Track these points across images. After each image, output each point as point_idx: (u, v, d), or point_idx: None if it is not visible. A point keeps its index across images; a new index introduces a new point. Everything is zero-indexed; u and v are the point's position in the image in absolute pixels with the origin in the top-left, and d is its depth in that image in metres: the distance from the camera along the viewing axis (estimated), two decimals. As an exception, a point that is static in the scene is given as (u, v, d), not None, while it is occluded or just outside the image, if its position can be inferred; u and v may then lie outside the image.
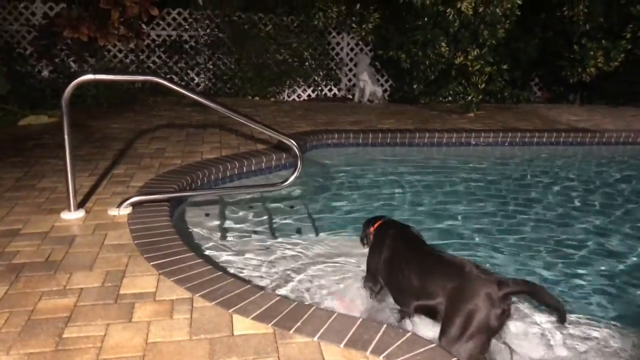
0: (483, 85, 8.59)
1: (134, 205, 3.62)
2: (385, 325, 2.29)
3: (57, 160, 4.70)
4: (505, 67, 8.96)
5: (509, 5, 8.11)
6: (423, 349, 2.12)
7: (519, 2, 8.17)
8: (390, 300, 2.89)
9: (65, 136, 3.35)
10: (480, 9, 8.07)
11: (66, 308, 2.40)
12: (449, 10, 8.15)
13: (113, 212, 3.56)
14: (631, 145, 7.33)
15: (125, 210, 3.56)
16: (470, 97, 8.49)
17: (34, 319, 2.31)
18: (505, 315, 2.26)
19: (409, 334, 2.23)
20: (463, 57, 8.48)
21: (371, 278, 2.94)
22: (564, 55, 9.24)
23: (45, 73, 8.30)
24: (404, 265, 2.62)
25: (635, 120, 8.41)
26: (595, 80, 9.33)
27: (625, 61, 8.98)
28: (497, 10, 8.09)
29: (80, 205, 3.64)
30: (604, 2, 9.05)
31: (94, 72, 3.33)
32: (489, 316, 2.22)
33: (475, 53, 8.40)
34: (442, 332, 2.31)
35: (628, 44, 8.92)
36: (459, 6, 7.99)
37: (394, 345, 2.14)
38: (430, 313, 2.47)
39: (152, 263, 2.83)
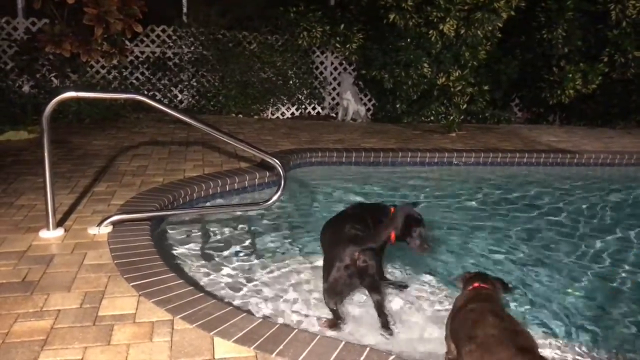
0: (465, 105, 8.71)
1: (114, 224, 3.58)
2: (368, 349, 2.27)
3: (36, 177, 4.62)
4: (486, 88, 9.12)
5: (489, 28, 8.28)
6: (406, 373, 2.11)
7: (499, 24, 8.35)
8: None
9: (45, 153, 3.31)
10: (462, 31, 8.24)
11: (43, 331, 2.34)
12: (431, 32, 8.29)
13: (93, 230, 3.50)
14: (609, 166, 7.47)
15: (105, 229, 3.51)
16: (452, 117, 8.59)
17: (8, 342, 2.25)
18: (353, 268, 2.74)
19: (393, 356, 2.22)
20: (445, 77, 8.60)
21: None
22: (544, 77, 9.43)
23: (26, 88, 8.20)
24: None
25: (612, 142, 8.58)
26: (574, 102, 9.52)
27: (602, 84, 9.19)
28: (479, 32, 8.25)
29: (59, 223, 3.58)
30: (582, 26, 9.29)
31: (76, 89, 3.33)
32: (338, 267, 2.75)
33: (457, 74, 8.52)
34: None
35: (605, 68, 9.14)
36: (441, 28, 8.14)
37: (377, 369, 2.12)
38: None
39: (132, 284, 2.79)
